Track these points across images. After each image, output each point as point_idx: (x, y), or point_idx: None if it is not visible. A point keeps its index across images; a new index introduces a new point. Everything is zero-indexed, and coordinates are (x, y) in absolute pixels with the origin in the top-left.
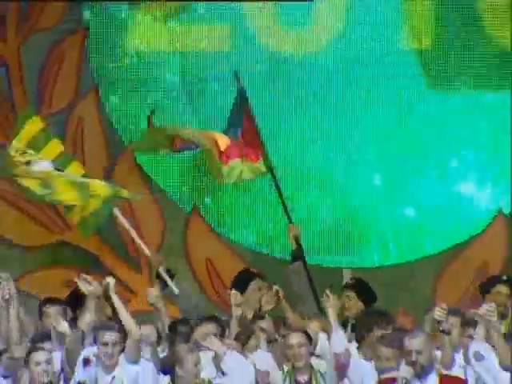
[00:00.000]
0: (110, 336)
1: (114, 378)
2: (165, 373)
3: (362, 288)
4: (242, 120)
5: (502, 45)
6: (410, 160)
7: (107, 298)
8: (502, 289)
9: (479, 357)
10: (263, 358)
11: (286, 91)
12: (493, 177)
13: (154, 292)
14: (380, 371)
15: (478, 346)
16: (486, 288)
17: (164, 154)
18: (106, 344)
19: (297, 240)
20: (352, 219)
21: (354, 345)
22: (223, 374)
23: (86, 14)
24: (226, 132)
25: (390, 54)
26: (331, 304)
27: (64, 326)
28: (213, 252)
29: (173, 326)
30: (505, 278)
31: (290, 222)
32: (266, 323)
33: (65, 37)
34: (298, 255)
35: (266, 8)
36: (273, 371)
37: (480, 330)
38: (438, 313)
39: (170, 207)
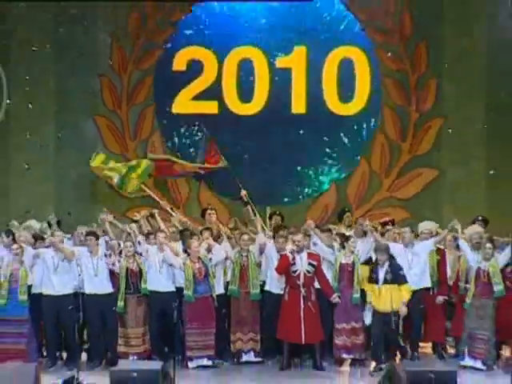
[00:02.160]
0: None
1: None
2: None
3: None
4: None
5: None
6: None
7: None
8: (348, 215)
9: (315, 244)
10: (227, 246)
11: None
12: (332, 161)
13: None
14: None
15: (314, 239)
16: (341, 216)
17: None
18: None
19: (246, 197)
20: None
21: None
22: (212, 253)
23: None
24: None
25: None
26: (259, 221)
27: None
28: (211, 201)
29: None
30: (347, 209)
31: (243, 189)
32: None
33: (147, 107)
34: (246, 203)
35: None
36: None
37: (317, 235)
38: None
39: (192, 180)
